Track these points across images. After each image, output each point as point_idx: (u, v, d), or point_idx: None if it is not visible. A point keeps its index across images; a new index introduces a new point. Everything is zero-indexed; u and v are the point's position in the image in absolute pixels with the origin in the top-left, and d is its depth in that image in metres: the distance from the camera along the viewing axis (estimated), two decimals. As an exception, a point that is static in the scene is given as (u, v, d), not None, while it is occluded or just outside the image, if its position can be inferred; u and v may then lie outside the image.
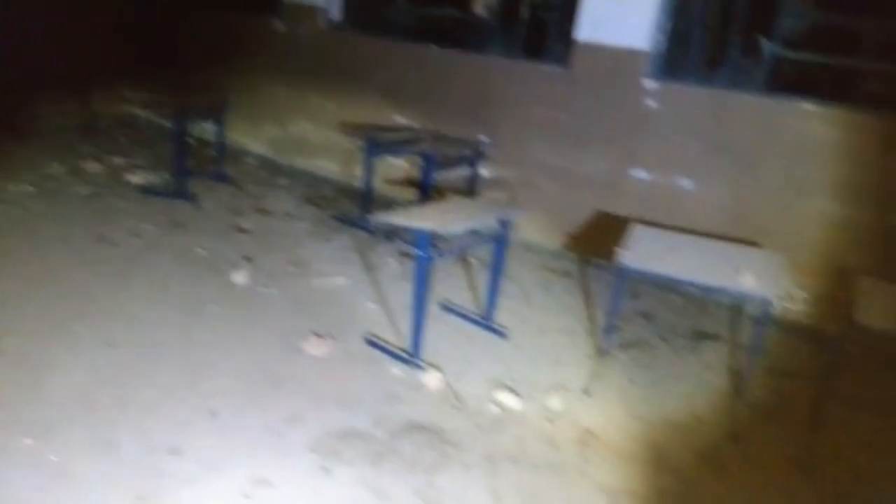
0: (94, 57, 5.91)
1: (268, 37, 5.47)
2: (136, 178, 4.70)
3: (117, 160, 5.01)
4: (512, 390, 2.71)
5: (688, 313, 3.59)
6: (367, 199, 4.35)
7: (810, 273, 3.42)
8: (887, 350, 3.10)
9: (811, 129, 3.33)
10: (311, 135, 5.40)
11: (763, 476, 2.38)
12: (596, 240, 4.04)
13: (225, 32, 5.84)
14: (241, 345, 2.85)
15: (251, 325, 3.02)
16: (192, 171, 4.74)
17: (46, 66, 5.66)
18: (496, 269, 3.12)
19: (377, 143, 4.23)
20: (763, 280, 2.53)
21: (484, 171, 4.41)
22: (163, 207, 4.27)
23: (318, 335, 2.95)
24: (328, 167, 5.30)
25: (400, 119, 4.80)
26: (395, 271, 3.74)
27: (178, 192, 4.46)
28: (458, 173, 4.36)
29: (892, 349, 3.08)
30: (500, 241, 3.08)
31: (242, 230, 4.08)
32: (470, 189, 4.37)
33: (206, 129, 5.27)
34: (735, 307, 3.65)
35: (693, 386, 2.91)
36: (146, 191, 4.50)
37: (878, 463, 2.52)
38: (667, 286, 3.77)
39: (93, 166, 4.81)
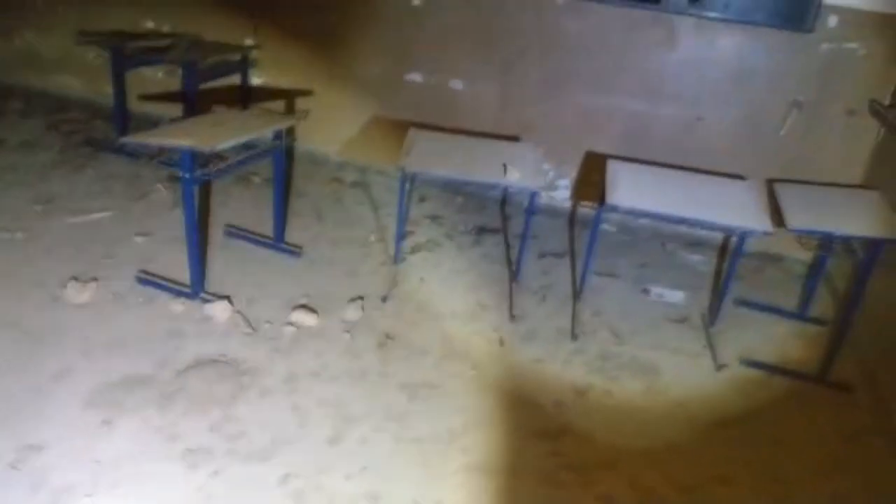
0: None
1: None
2: None
3: None
4: (308, 308, 2.68)
5: (469, 211, 3.78)
6: (123, 120, 3.86)
7: (569, 161, 3.75)
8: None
9: (565, 21, 3.52)
10: (43, 48, 4.56)
11: (543, 347, 2.67)
12: (379, 146, 4.03)
13: None
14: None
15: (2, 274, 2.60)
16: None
17: None
18: (279, 186, 2.98)
19: (125, 53, 3.71)
20: (527, 173, 2.72)
21: (255, 80, 4.11)
22: None
23: (79, 279, 2.63)
24: (71, 84, 4.56)
25: (151, 24, 4.23)
26: (164, 199, 3.42)
27: None
28: (225, 82, 4.00)
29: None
30: (279, 155, 2.94)
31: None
32: (240, 100, 4.05)
33: None
34: (508, 201, 3.91)
35: (476, 277, 3.12)
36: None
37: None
38: (450, 188, 3.91)
39: None
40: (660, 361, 2.63)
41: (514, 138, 3.55)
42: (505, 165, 2.72)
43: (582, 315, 2.89)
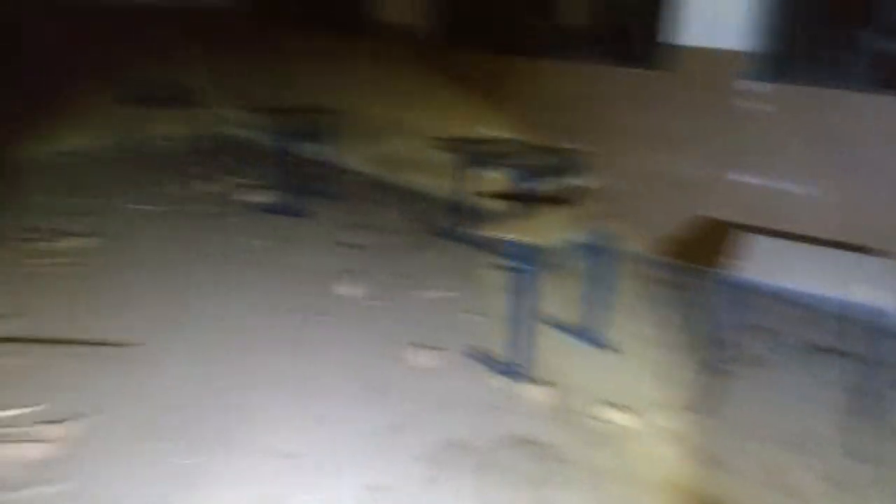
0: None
1: (364, 54, 5.72)
2: (246, 197, 5.03)
3: (227, 179, 5.38)
4: (617, 405, 2.69)
5: (800, 322, 3.41)
6: (464, 213, 4.45)
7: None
8: None
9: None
10: (407, 151, 5.57)
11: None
12: (698, 247, 3.93)
13: (312, 51, 6.13)
14: (346, 353, 3.00)
15: (355, 335, 3.17)
16: (300, 188, 5.03)
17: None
18: (597, 281, 3.11)
19: (469, 156, 4.32)
20: (880, 289, 2.38)
21: (579, 181, 4.39)
22: (272, 223, 4.56)
23: (421, 346, 3.06)
24: (426, 182, 5.45)
25: (492, 131, 4.87)
26: (496, 283, 3.81)
27: (287, 209, 4.75)
28: (553, 183, 4.36)
29: None
30: (599, 252, 3.08)
31: (348, 244, 4.29)
32: (566, 199, 4.35)
33: (312, 148, 5.56)
34: (852, 317, 3.42)
35: (809, 403, 2.77)
36: (255, 208, 4.82)
37: None
38: (779, 296, 3.59)
39: (209, 185, 5.20)
40: None
41: (863, 248, 3.15)
42: (855, 278, 2.43)
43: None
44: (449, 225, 4.65)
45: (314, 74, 6.19)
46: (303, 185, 5.23)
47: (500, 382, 2.84)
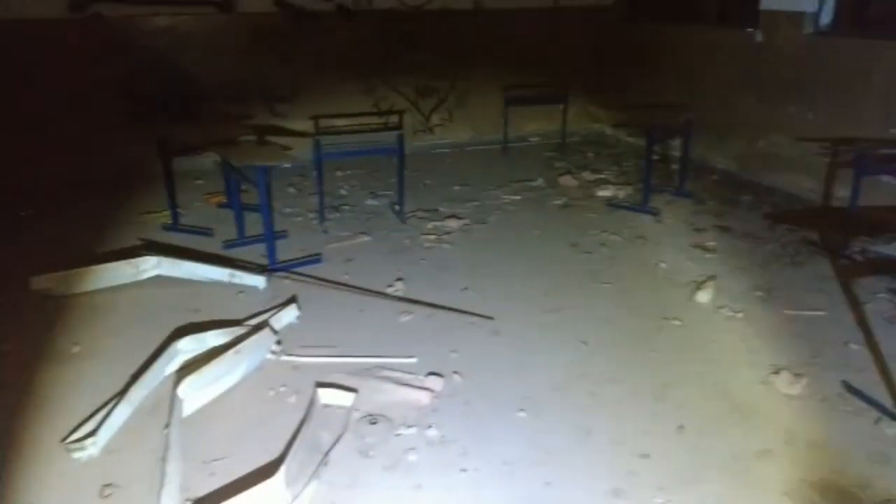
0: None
1: (735, 49, 5.28)
2: (604, 192, 5.09)
3: (587, 175, 5.51)
4: None
5: None
6: (852, 224, 3.79)
7: None
8: None
9: None
10: (782, 149, 4.98)
11: None
12: None
13: (682, 47, 5.84)
14: (704, 365, 2.81)
15: (713, 347, 2.96)
16: (655, 186, 4.90)
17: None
18: None
19: (870, 159, 3.65)
20: None
21: None
22: (627, 220, 4.53)
23: (790, 371, 2.70)
24: (801, 184, 4.81)
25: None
26: (886, 311, 3.17)
27: (642, 207, 4.67)
28: None
29: None
30: None
31: (703, 247, 4.03)
32: None
33: (670, 144, 5.37)
34: None
35: None
36: (612, 204, 4.84)
37: None
38: None
39: (566, 180, 5.41)
40: None
41: None
42: None
43: None
44: (829, 235, 4.02)
45: (678, 70, 5.96)
46: (660, 183, 5.09)
47: (892, 430, 2.35)
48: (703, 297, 3.36)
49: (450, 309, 3.28)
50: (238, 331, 2.90)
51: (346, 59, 5.95)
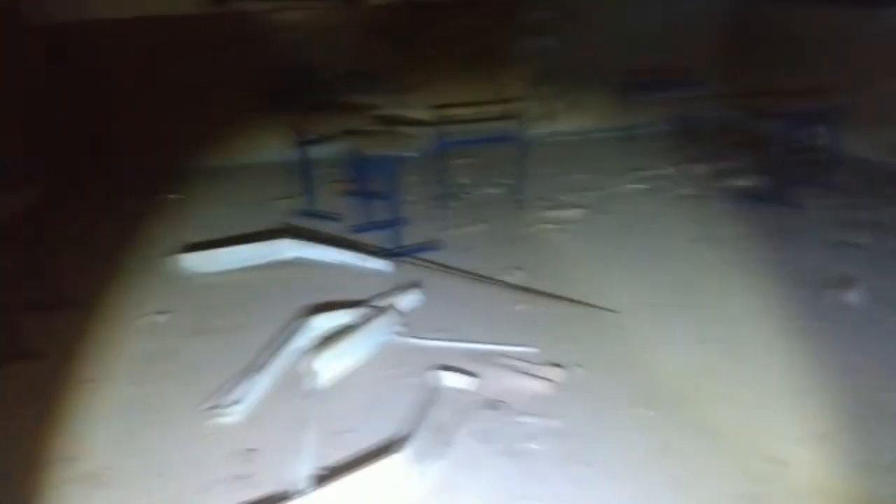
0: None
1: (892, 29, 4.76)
2: (738, 182, 4.79)
3: (721, 164, 5.21)
4: None
5: None
6: None
7: None
8: None
9: None
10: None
11: None
12: None
13: (831, 28, 5.33)
14: (847, 372, 2.59)
15: (859, 353, 2.71)
16: (793, 176, 4.56)
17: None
18: None
19: None
20: None
21: None
22: (763, 213, 4.24)
23: (955, 383, 2.43)
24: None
25: None
26: None
27: (781, 199, 4.35)
28: None
29: None
30: None
31: (851, 244, 3.70)
32: None
33: (816, 132, 4.95)
34: None
35: None
36: (746, 195, 4.55)
37: None
38: None
39: (698, 168, 5.14)
40: None
41: None
42: None
43: None
44: None
45: (822, 53, 5.47)
46: (797, 173, 4.72)
47: None
48: (852, 298, 3.09)
49: (571, 300, 3.23)
50: (365, 311, 3.04)
51: (467, 47, 5.98)
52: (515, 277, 3.50)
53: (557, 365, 2.69)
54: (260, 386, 2.59)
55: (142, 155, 5.53)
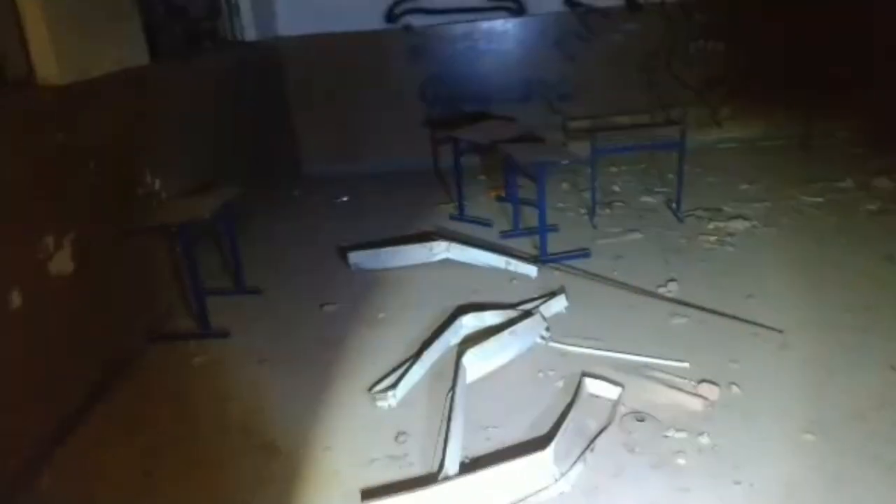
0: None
1: None
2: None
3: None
4: None
5: None
6: None
7: None
8: None
9: None
10: None
11: None
12: None
13: None
14: None
15: None
16: None
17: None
18: None
19: None
20: None
21: None
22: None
23: None
24: None
25: None
26: None
27: None
28: None
29: None
30: None
31: None
32: None
33: None
34: None
35: None
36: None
37: None
38: None
39: (883, 181, 4.65)
40: None
41: None
42: None
43: None
44: None
45: None
46: None
47: None
48: None
49: (731, 316, 3.08)
50: (512, 313, 3.13)
51: (630, 52, 5.86)
52: (668, 289, 3.40)
53: (711, 382, 2.59)
54: (414, 375, 2.77)
55: (317, 161, 6.06)
